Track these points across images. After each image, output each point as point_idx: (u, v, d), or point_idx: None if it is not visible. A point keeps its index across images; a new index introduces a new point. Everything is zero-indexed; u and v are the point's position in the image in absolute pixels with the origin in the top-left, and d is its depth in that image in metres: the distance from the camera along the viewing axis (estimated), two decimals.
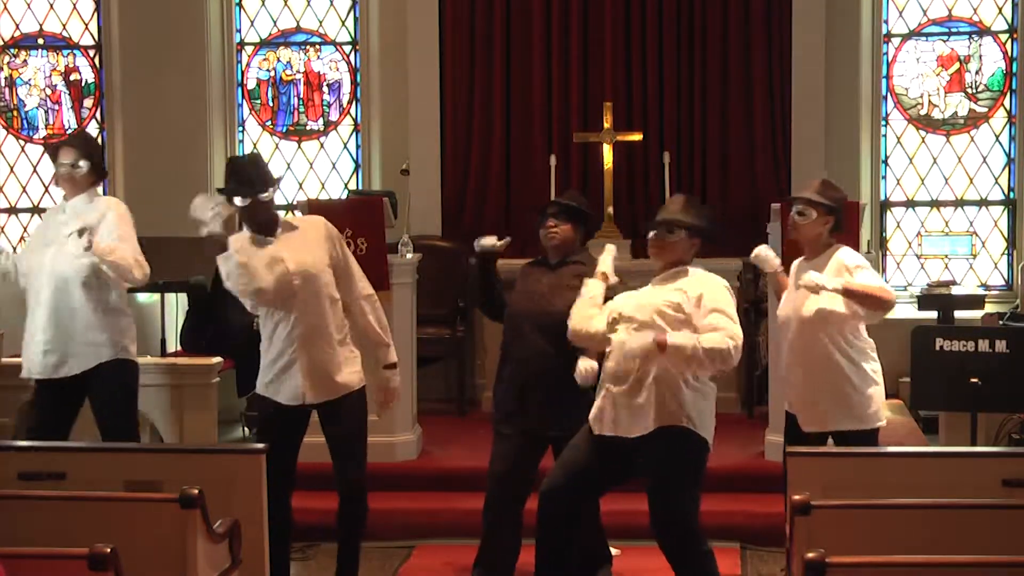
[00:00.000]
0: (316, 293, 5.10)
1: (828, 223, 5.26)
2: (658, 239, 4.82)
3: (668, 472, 4.68)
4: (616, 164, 8.66)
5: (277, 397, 5.15)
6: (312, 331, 5.09)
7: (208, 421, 6.57)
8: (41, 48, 9.64)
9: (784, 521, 4.48)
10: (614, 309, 4.81)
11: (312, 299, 5.09)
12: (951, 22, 9.18)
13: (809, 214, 5.23)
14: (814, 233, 5.26)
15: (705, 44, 8.94)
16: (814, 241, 5.28)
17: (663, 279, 4.80)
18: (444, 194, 9.14)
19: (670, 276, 4.79)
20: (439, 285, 8.39)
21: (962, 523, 4.10)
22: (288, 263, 5.05)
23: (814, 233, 5.26)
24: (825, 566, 3.44)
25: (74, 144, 5.71)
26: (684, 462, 4.70)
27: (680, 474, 4.70)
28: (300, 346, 5.08)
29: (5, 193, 9.69)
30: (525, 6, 9.01)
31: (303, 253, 5.11)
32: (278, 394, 5.15)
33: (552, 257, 5.60)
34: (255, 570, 4.74)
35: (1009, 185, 9.17)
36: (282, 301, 5.07)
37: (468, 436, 7.73)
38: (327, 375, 5.13)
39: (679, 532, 4.71)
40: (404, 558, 6.25)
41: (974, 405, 5.95)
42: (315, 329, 5.09)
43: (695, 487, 4.75)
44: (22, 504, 4.21)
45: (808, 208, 5.24)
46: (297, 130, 9.56)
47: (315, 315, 5.09)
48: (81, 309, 5.52)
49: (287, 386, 5.12)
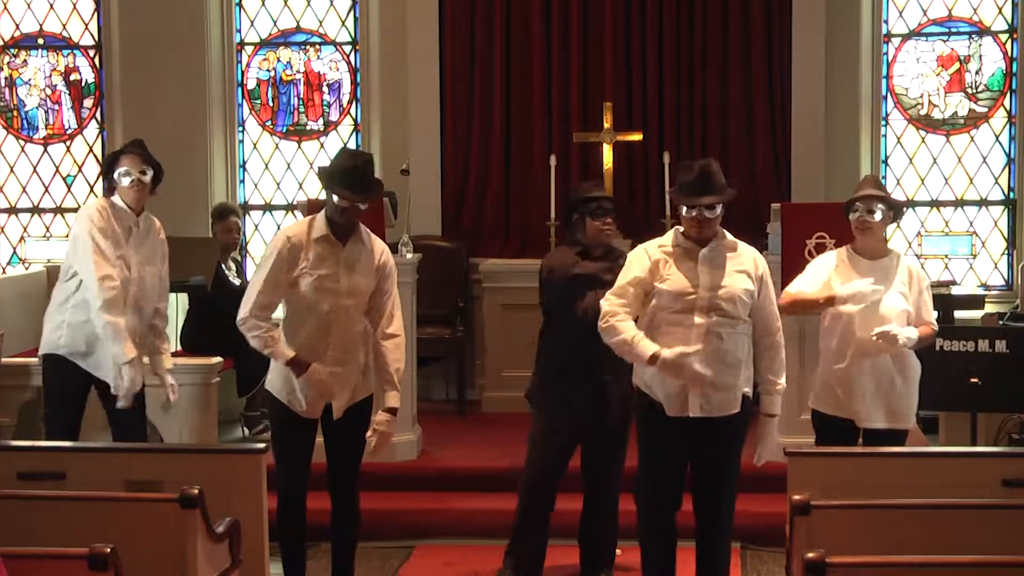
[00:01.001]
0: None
1: (889, 218, 5.30)
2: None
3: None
4: (616, 164, 8.66)
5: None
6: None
7: (208, 421, 6.57)
8: (41, 48, 9.64)
9: (784, 521, 4.48)
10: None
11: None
12: (951, 22, 9.18)
13: (878, 211, 5.21)
14: (881, 233, 5.26)
15: (705, 44, 8.93)
16: (881, 241, 5.28)
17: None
18: (444, 194, 9.15)
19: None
20: (439, 285, 8.39)
21: (962, 523, 4.10)
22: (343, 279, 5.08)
23: (881, 233, 5.26)
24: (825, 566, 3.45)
25: (141, 153, 5.69)
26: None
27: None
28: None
29: (5, 193, 9.69)
30: (525, 6, 9.01)
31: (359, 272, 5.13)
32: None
33: (597, 250, 5.56)
34: (255, 570, 4.75)
35: (1009, 185, 9.17)
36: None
37: (468, 436, 7.74)
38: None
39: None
40: (404, 558, 6.25)
41: (974, 405, 5.95)
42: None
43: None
44: (22, 504, 4.22)
45: (876, 205, 5.20)
46: (297, 130, 9.55)
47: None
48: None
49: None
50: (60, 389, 5.74)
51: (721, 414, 4.84)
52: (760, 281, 4.91)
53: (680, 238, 4.92)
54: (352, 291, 5.08)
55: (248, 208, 9.53)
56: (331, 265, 5.06)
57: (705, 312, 4.79)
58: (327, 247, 5.07)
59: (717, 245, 4.90)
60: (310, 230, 5.09)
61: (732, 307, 4.81)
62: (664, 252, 4.91)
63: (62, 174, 9.60)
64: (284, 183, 9.55)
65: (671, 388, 4.83)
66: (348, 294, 5.08)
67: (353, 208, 5.05)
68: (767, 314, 4.93)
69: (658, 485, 4.98)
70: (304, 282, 5.06)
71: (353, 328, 5.13)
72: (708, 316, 4.79)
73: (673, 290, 4.82)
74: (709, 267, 4.84)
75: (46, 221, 9.65)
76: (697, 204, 4.83)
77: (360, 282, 5.10)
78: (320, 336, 5.08)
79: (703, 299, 4.80)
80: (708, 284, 4.81)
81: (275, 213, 9.57)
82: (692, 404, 4.82)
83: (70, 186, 9.58)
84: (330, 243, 5.08)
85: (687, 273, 4.84)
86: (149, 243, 5.70)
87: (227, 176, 9.47)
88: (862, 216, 5.20)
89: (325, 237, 5.07)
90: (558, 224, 8.09)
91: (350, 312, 5.10)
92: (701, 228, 4.87)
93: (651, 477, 4.99)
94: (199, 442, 6.36)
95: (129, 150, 5.71)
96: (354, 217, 5.09)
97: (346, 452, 5.22)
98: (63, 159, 9.61)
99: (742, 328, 4.86)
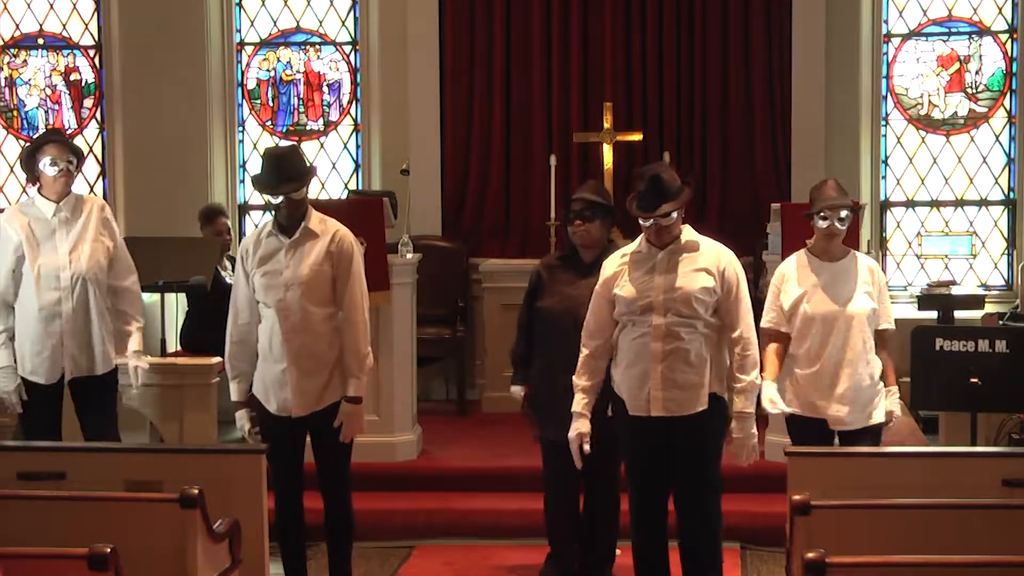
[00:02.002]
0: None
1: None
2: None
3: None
4: (616, 164, 8.66)
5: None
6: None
7: (208, 421, 6.56)
8: (41, 48, 9.64)
9: (784, 521, 4.48)
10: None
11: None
12: (951, 22, 9.18)
13: (847, 219, 5.26)
14: (844, 236, 5.31)
15: (705, 44, 8.93)
16: (840, 244, 5.31)
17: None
18: (444, 194, 9.15)
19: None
20: (439, 285, 8.39)
21: (962, 523, 4.10)
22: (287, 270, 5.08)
23: (844, 236, 5.31)
24: (825, 566, 3.45)
25: (63, 142, 5.68)
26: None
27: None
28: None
29: (5, 193, 9.69)
30: (525, 6, 9.01)
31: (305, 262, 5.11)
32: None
33: (585, 256, 5.57)
34: (255, 570, 4.75)
35: (1009, 185, 9.17)
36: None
37: (468, 436, 7.74)
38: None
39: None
40: (404, 558, 6.25)
41: (974, 405, 5.95)
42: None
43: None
44: (22, 504, 4.21)
45: (846, 212, 5.25)
46: (297, 130, 9.55)
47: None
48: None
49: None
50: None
51: (684, 413, 4.85)
52: (722, 276, 4.90)
53: (643, 243, 4.96)
54: (294, 280, 5.04)
55: (248, 208, 9.53)
56: (276, 260, 5.08)
57: (662, 313, 4.83)
58: (273, 242, 5.11)
59: (676, 247, 4.93)
60: (260, 232, 5.17)
61: (688, 308, 4.83)
62: (624, 262, 4.98)
63: None
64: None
65: (634, 388, 4.87)
66: (293, 284, 5.04)
67: (288, 202, 5.05)
68: (731, 313, 4.92)
69: (636, 484, 5.02)
70: (255, 281, 5.10)
71: (309, 322, 5.07)
72: (666, 316, 4.83)
73: (627, 296, 4.89)
74: (666, 269, 4.88)
75: None
76: (652, 217, 4.85)
77: (306, 271, 5.05)
78: (275, 333, 5.06)
79: (659, 301, 4.84)
80: (664, 286, 4.85)
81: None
82: (654, 404, 4.85)
83: None
84: (275, 238, 5.11)
85: (643, 278, 4.89)
86: (79, 225, 5.60)
87: (227, 176, 9.47)
88: (832, 224, 5.24)
89: (270, 233, 5.11)
90: (558, 224, 8.09)
91: (303, 304, 5.05)
92: (660, 235, 4.90)
93: (630, 477, 5.05)
94: (199, 442, 6.35)
95: (51, 138, 5.69)
96: (294, 210, 5.08)
97: (327, 452, 5.21)
98: None
99: (704, 327, 4.87)
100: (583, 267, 5.52)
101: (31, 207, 5.65)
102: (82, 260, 5.54)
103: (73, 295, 5.53)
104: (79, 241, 5.57)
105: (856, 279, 5.25)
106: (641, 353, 4.85)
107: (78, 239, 5.57)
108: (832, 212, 5.23)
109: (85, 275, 5.54)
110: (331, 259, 5.09)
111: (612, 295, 4.93)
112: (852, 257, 5.33)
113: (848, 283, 5.24)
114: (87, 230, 5.59)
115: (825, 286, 5.24)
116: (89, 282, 5.55)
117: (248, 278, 5.15)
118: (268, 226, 5.16)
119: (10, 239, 5.57)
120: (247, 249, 5.17)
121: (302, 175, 5.10)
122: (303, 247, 5.09)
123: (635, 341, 4.87)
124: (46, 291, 5.52)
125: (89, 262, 5.55)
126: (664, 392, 4.83)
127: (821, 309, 5.23)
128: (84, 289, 5.55)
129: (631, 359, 4.88)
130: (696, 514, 4.96)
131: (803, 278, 5.29)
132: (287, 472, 5.20)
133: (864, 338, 5.20)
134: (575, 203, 5.57)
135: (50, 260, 5.53)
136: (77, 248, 5.56)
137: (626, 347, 4.91)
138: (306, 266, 5.06)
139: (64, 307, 5.52)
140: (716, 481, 5.00)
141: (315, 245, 5.09)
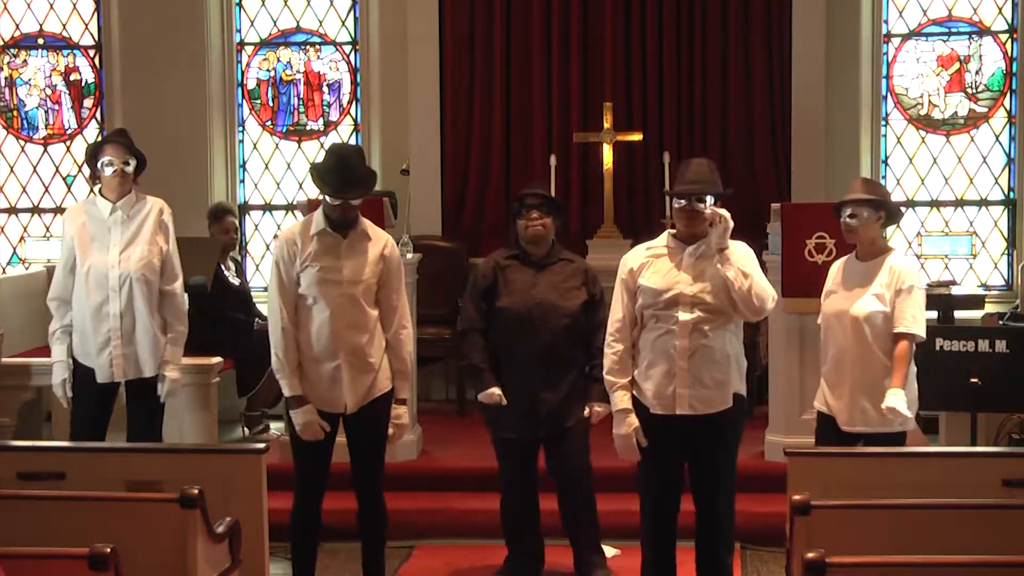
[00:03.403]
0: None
1: (880, 220, 5.25)
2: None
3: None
4: (616, 164, 8.66)
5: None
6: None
7: (208, 421, 6.57)
8: (41, 48, 9.64)
9: (784, 521, 4.48)
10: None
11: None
12: (951, 22, 9.18)
13: (860, 214, 5.18)
14: (869, 235, 5.23)
15: (705, 44, 8.93)
16: (871, 243, 5.24)
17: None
18: (444, 194, 9.15)
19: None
20: (439, 285, 8.39)
21: (962, 523, 4.10)
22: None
23: (869, 235, 5.23)
24: (825, 566, 3.45)
25: (122, 142, 5.71)
26: None
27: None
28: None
29: (5, 193, 9.69)
30: (525, 6, 9.01)
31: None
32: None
33: (534, 253, 5.56)
34: (255, 570, 4.74)
35: (1009, 185, 9.17)
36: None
37: (468, 436, 7.72)
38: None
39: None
40: (404, 558, 6.25)
41: (974, 405, 5.95)
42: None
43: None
44: (22, 504, 4.21)
45: (859, 208, 5.19)
46: (297, 130, 9.55)
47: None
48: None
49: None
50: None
51: (710, 411, 4.84)
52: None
53: (670, 239, 4.94)
54: (355, 279, 5.07)
55: (248, 208, 9.53)
56: (332, 257, 5.07)
57: (689, 308, 4.80)
58: (327, 240, 5.09)
59: (703, 244, 4.90)
60: (308, 227, 5.13)
61: (717, 300, 4.80)
62: (650, 255, 4.95)
63: (62, 174, 9.61)
64: (284, 183, 9.55)
65: (660, 386, 4.84)
66: (351, 283, 5.07)
67: (345, 204, 5.05)
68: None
69: (652, 485, 4.99)
70: (306, 276, 5.07)
71: (360, 320, 5.09)
72: (692, 312, 4.79)
73: (653, 287, 4.85)
74: (694, 263, 4.85)
75: (46, 221, 9.65)
76: (689, 194, 4.85)
77: (364, 270, 5.09)
78: (325, 330, 5.06)
79: (686, 295, 4.81)
80: (692, 280, 4.82)
81: (275, 213, 9.57)
82: (679, 402, 4.82)
83: (70, 186, 9.58)
84: (330, 236, 5.09)
85: (671, 270, 4.86)
86: (134, 226, 5.62)
87: (227, 176, 9.48)
88: (844, 219, 5.23)
89: (324, 231, 5.09)
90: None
91: (357, 302, 5.08)
92: (690, 221, 4.87)
93: (646, 476, 5.00)
94: (199, 442, 6.36)
95: (113, 139, 5.71)
96: (350, 213, 5.09)
97: (366, 450, 5.22)
98: (63, 159, 9.61)
99: (728, 323, 4.87)
100: (536, 263, 5.54)
101: (91, 205, 5.68)
102: (131, 261, 5.56)
103: (120, 295, 5.54)
104: (132, 242, 5.59)
105: (874, 280, 5.17)
106: (665, 350, 4.82)
107: (132, 240, 5.59)
108: (847, 207, 5.22)
109: (132, 276, 5.55)
110: (383, 263, 5.14)
111: (637, 286, 4.89)
112: (883, 258, 5.23)
113: (865, 284, 5.18)
114: (142, 231, 5.62)
115: (845, 286, 5.23)
116: (137, 283, 5.55)
117: (292, 268, 5.09)
118: (318, 220, 5.11)
119: (67, 236, 5.62)
120: (294, 243, 5.10)
121: (368, 180, 5.13)
122: (359, 247, 5.11)
123: (659, 339, 4.83)
124: (95, 290, 5.54)
125: (138, 263, 5.56)
126: (690, 390, 4.81)
127: (832, 308, 5.24)
128: (131, 290, 5.55)
129: (653, 358, 4.85)
130: (716, 514, 4.97)
131: (836, 277, 5.31)
132: (317, 471, 5.20)
133: (871, 340, 5.12)
134: (529, 197, 5.57)
135: (100, 259, 5.55)
136: (128, 249, 5.57)
137: (648, 345, 4.87)
138: (366, 267, 5.09)
139: (112, 307, 5.54)
140: (733, 480, 5.01)
141: (370, 248, 5.13)
